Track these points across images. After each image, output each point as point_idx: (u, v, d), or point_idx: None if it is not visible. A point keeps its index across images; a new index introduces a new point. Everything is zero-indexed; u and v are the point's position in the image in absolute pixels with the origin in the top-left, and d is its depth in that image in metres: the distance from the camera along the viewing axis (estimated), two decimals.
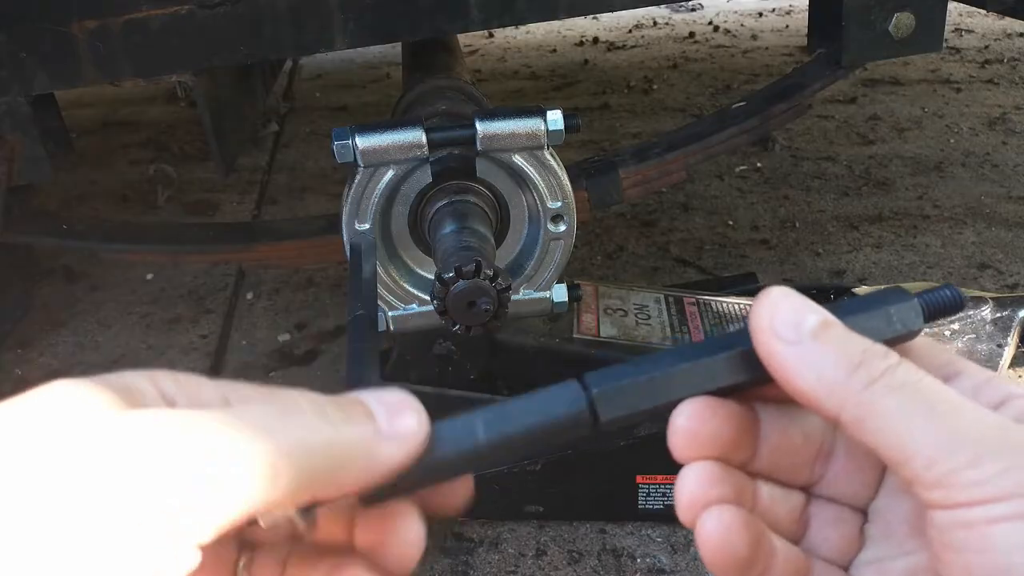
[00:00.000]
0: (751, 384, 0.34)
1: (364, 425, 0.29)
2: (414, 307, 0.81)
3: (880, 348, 0.31)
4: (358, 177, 0.74)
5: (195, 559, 0.24)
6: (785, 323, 0.32)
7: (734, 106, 1.31)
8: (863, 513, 0.36)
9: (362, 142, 0.73)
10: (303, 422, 0.27)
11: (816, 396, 0.31)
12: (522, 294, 0.80)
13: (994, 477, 0.27)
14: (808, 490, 0.37)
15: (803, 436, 0.36)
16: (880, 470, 0.36)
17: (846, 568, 0.36)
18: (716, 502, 0.33)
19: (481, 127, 0.74)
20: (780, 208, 2.17)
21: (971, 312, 1.25)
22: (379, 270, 0.77)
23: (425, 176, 0.76)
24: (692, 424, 0.34)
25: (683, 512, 0.34)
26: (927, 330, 0.33)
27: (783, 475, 0.36)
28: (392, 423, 0.30)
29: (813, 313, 0.32)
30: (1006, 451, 0.27)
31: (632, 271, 1.92)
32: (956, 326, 1.24)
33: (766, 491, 0.36)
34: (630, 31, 3.62)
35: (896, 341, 0.33)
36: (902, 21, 1.16)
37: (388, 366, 1.26)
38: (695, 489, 0.34)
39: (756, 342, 0.32)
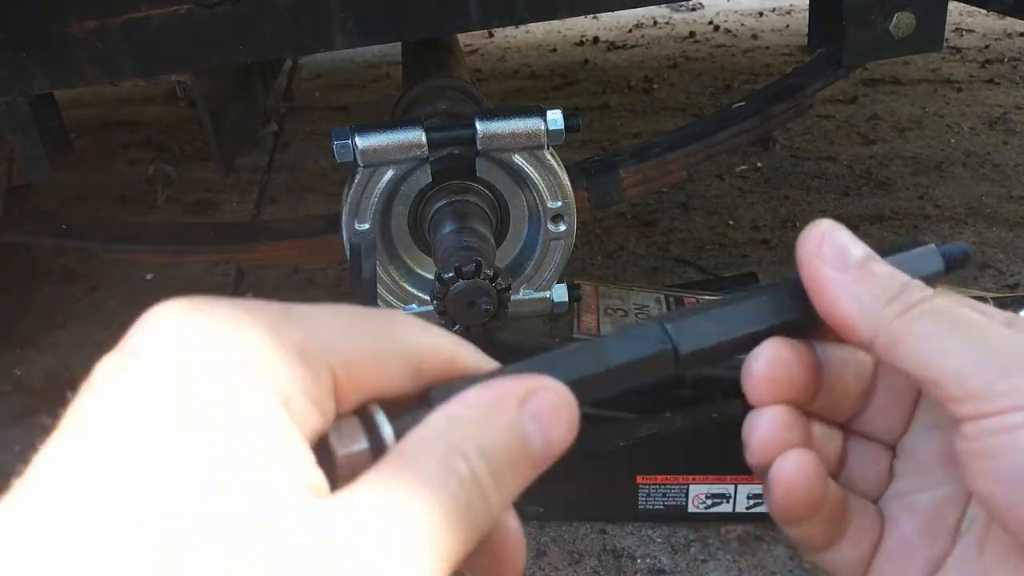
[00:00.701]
0: (809, 320, 0.35)
1: (518, 477, 0.29)
2: (414, 307, 0.81)
3: (917, 283, 0.33)
4: (358, 177, 0.74)
5: None
6: (832, 252, 0.33)
7: (734, 106, 1.31)
8: (893, 449, 0.38)
9: (362, 142, 0.73)
10: (475, 495, 0.26)
11: (855, 323, 0.32)
12: (522, 294, 0.80)
13: (1022, 387, 0.29)
14: (846, 427, 0.38)
15: (855, 375, 0.37)
16: (912, 406, 0.37)
17: (875, 501, 0.37)
18: (791, 446, 0.34)
19: (481, 127, 0.73)
20: (781, 208, 2.17)
21: None
22: (379, 270, 0.77)
23: (425, 176, 0.76)
24: (770, 369, 0.34)
25: (756, 456, 0.35)
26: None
27: (830, 413, 0.37)
28: (546, 439, 0.29)
29: (857, 246, 0.34)
30: None
31: (632, 271, 1.91)
32: None
33: (817, 430, 0.37)
34: (630, 31, 3.62)
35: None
36: (902, 21, 1.16)
37: None
38: (770, 432, 0.34)
39: (802, 268, 0.34)
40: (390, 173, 0.74)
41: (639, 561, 1.23)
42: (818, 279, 0.33)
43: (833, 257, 0.33)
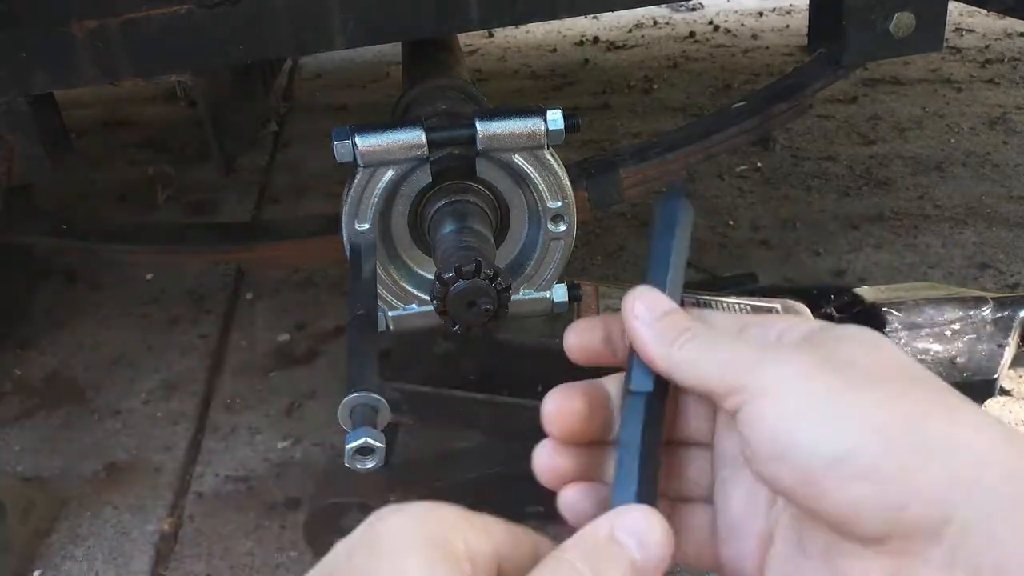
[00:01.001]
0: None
1: (629, 566, 0.36)
2: (414, 307, 0.81)
3: (686, 322, 0.43)
4: (358, 177, 0.74)
5: None
6: (641, 309, 0.43)
7: (734, 106, 1.31)
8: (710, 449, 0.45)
9: (362, 142, 0.73)
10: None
11: (652, 359, 0.42)
12: (522, 294, 0.80)
13: (759, 379, 0.38)
14: (671, 440, 0.46)
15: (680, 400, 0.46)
16: (712, 413, 0.45)
17: (706, 500, 0.45)
18: (567, 471, 0.44)
19: (481, 127, 0.73)
20: (780, 208, 2.16)
21: (972, 312, 1.24)
22: (379, 270, 0.77)
23: (425, 176, 0.76)
24: (558, 406, 0.44)
25: (543, 479, 0.45)
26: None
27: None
28: (647, 547, 0.37)
29: (660, 304, 0.44)
30: (761, 363, 0.39)
31: (632, 271, 1.91)
32: (957, 326, 1.24)
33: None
34: (630, 31, 3.62)
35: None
36: (902, 21, 1.16)
37: (388, 366, 1.26)
38: (548, 460, 0.44)
39: (625, 324, 0.44)
40: (390, 173, 0.74)
41: None
42: (630, 330, 0.43)
43: (643, 313, 0.43)
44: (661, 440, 0.42)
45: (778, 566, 0.40)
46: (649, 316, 0.43)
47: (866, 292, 1.30)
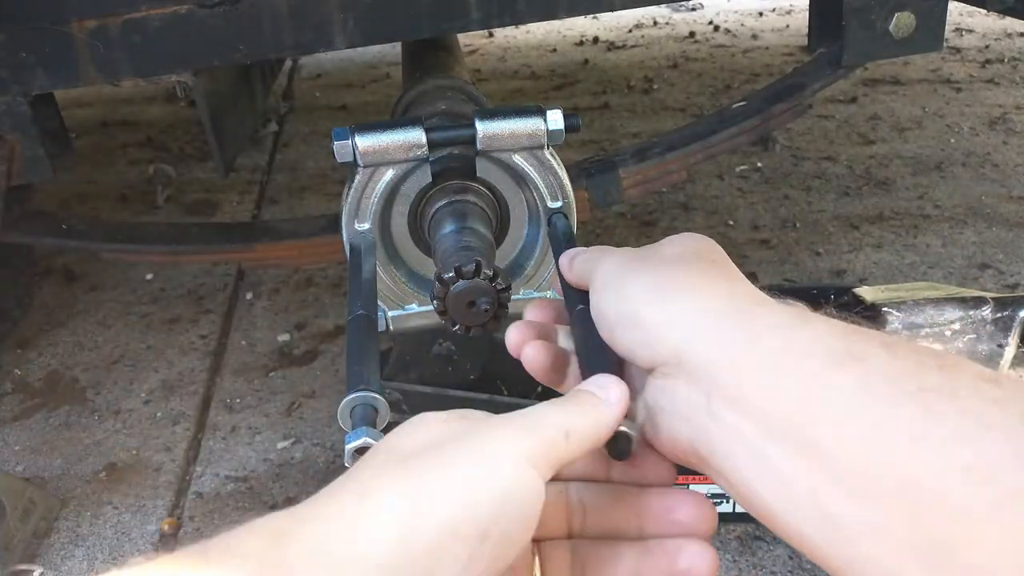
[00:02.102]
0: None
1: (594, 403, 0.48)
2: (414, 307, 0.81)
3: (584, 251, 0.60)
4: (358, 177, 0.74)
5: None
6: (563, 258, 0.61)
7: (734, 106, 1.31)
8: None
9: (362, 142, 0.73)
10: (571, 410, 0.47)
11: (568, 276, 0.60)
12: (522, 294, 0.80)
13: (596, 269, 0.55)
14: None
15: None
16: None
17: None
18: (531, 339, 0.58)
19: (481, 127, 0.73)
20: (780, 208, 2.17)
21: (972, 312, 1.24)
22: (379, 270, 0.77)
23: (425, 176, 0.76)
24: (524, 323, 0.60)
25: (512, 350, 0.59)
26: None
27: None
28: (607, 394, 0.48)
29: (575, 250, 0.61)
30: (599, 261, 0.55)
31: None
32: (957, 326, 1.24)
33: None
34: (630, 31, 3.62)
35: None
36: (902, 21, 1.16)
37: (388, 366, 1.26)
38: (516, 336, 0.59)
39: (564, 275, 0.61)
40: (390, 173, 0.74)
41: None
42: (559, 267, 0.61)
43: (563, 258, 0.61)
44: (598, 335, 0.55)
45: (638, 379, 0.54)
46: (566, 258, 0.61)
47: (866, 292, 1.30)
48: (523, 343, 0.58)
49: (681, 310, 0.48)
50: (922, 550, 0.36)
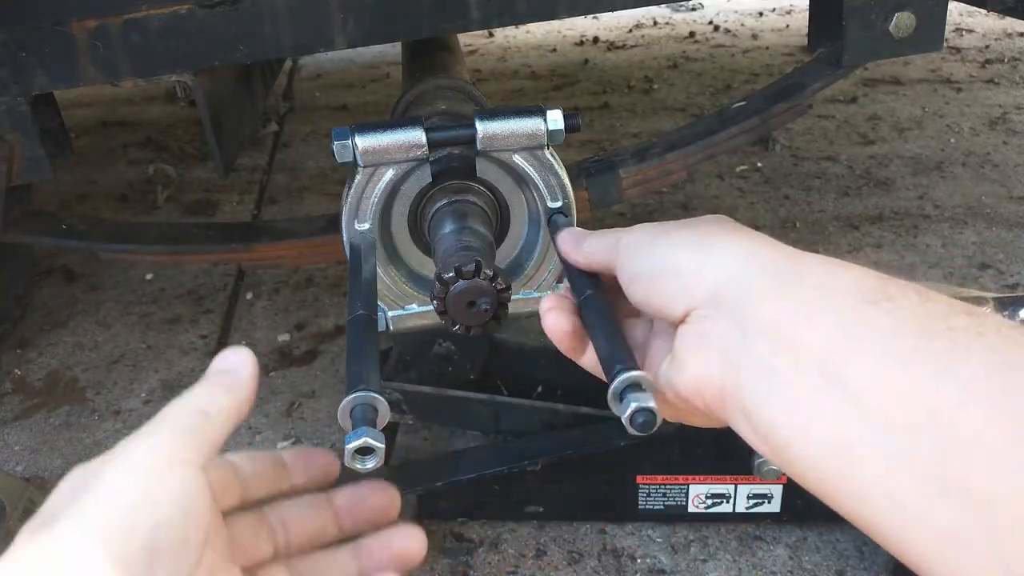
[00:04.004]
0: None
1: (224, 377, 0.50)
2: (414, 307, 0.81)
3: (589, 232, 0.63)
4: (358, 177, 0.74)
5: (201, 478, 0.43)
6: (565, 236, 0.65)
7: (734, 106, 1.31)
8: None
9: (362, 142, 0.72)
10: (198, 392, 0.48)
11: (576, 259, 0.63)
12: (522, 294, 0.80)
13: (620, 244, 0.57)
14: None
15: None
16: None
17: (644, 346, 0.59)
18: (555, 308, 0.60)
19: (481, 127, 0.73)
20: (780, 208, 2.17)
21: None
22: (379, 270, 0.77)
23: (425, 176, 0.76)
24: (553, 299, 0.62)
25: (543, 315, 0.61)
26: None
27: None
28: (231, 366, 0.50)
29: (578, 231, 0.65)
30: (622, 236, 0.58)
31: None
32: None
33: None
34: (630, 31, 3.62)
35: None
36: (902, 21, 1.16)
37: (388, 366, 1.26)
38: (549, 305, 0.60)
39: (558, 250, 0.65)
40: (390, 173, 0.74)
41: (639, 561, 1.23)
42: (562, 251, 0.65)
43: (566, 236, 0.65)
44: (613, 316, 0.57)
45: (655, 355, 0.57)
46: (571, 237, 0.64)
47: None
48: (550, 309, 0.60)
49: (721, 253, 0.50)
50: (935, 479, 0.37)
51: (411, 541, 0.53)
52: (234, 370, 0.50)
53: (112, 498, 0.40)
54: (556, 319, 0.59)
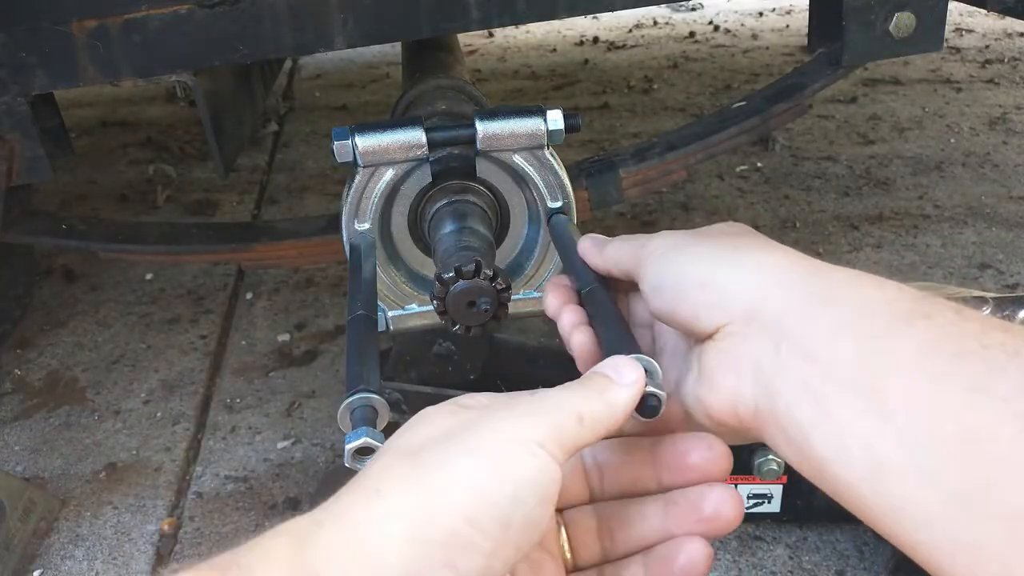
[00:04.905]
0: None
1: (608, 385, 0.47)
2: (414, 307, 0.81)
3: (609, 238, 0.62)
4: (358, 177, 0.74)
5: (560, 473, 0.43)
6: (587, 240, 0.63)
7: (734, 106, 1.31)
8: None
9: (362, 142, 0.73)
10: (583, 394, 0.47)
11: (596, 262, 0.61)
12: (522, 294, 0.80)
13: (644, 251, 0.55)
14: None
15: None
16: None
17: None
18: (565, 303, 0.60)
19: (481, 127, 0.73)
20: (780, 208, 2.17)
21: None
22: (379, 270, 0.77)
23: (425, 176, 0.76)
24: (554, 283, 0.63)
25: (549, 312, 0.61)
26: None
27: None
28: (621, 375, 0.48)
29: (598, 236, 0.63)
30: (646, 243, 0.56)
31: None
32: None
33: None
34: (630, 31, 3.62)
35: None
36: (902, 21, 1.16)
37: (388, 366, 1.26)
38: (552, 298, 0.61)
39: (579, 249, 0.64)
40: (390, 173, 0.74)
41: None
42: (584, 252, 0.63)
43: (588, 240, 0.63)
44: (616, 307, 0.57)
45: (672, 369, 0.57)
46: (591, 241, 0.62)
47: None
48: (561, 306, 0.60)
49: (756, 268, 0.49)
50: (966, 495, 0.37)
51: (723, 506, 0.49)
52: (620, 384, 0.47)
53: (477, 455, 0.42)
54: (584, 340, 0.57)
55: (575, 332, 0.58)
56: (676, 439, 0.52)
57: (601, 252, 0.60)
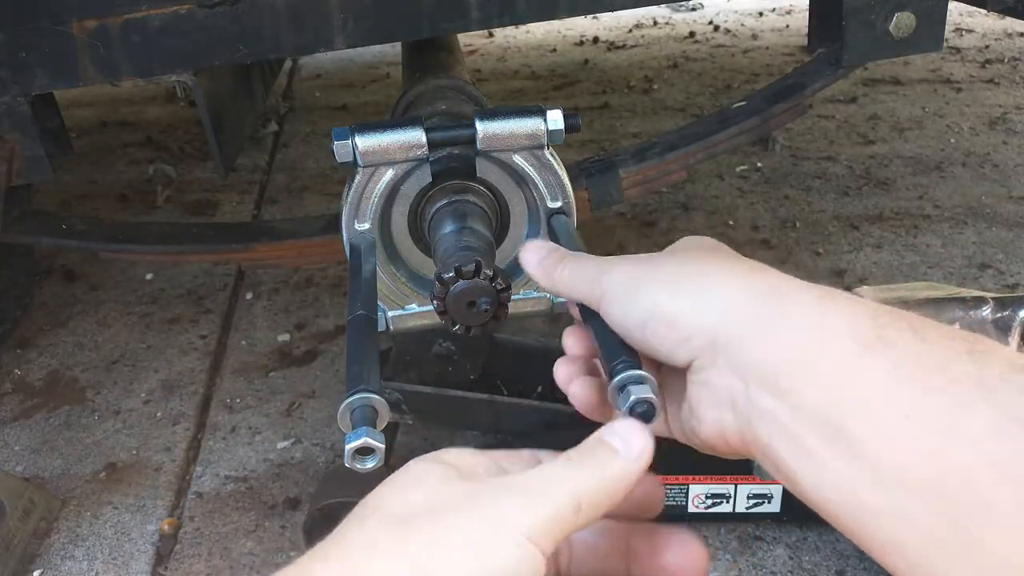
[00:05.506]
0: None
1: (613, 461, 0.45)
2: (414, 307, 0.81)
3: (563, 255, 0.59)
4: (358, 177, 0.74)
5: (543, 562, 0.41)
6: (529, 255, 0.60)
7: (734, 106, 1.31)
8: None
9: (362, 142, 0.72)
10: (586, 473, 0.44)
11: (543, 286, 0.60)
12: (522, 294, 0.80)
13: (602, 284, 0.53)
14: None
15: None
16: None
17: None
18: (577, 375, 0.57)
19: (481, 127, 0.73)
20: (780, 208, 2.17)
21: (972, 312, 1.24)
22: (379, 270, 0.77)
23: (425, 176, 0.76)
24: (570, 340, 0.59)
25: (560, 383, 0.57)
26: None
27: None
28: (629, 448, 0.46)
29: (542, 246, 0.61)
30: (604, 272, 0.54)
31: None
32: (957, 326, 1.24)
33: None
34: (630, 31, 3.62)
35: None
36: (902, 21, 1.16)
37: (388, 366, 1.26)
38: (563, 369, 0.57)
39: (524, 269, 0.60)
40: (390, 173, 0.74)
41: None
42: (528, 272, 0.61)
43: (530, 257, 0.60)
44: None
45: (667, 396, 0.55)
46: (535, 257, 0.59)
47: (866, 292, 1.30)
48: (571, 379, 0.56)
49: (710, 295, 0.48)
50: (948, 540, 0.37)
51: None
52: (626, 459, 0.45)
53: (465, 538, 0.40)
54: (582, 391, 0.55)
55: (571, 385, 0.56)
56: (652, 532, 0.50)
57: (550, 276, 0.57)
